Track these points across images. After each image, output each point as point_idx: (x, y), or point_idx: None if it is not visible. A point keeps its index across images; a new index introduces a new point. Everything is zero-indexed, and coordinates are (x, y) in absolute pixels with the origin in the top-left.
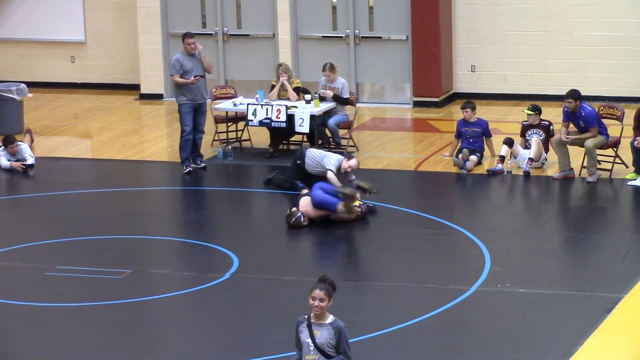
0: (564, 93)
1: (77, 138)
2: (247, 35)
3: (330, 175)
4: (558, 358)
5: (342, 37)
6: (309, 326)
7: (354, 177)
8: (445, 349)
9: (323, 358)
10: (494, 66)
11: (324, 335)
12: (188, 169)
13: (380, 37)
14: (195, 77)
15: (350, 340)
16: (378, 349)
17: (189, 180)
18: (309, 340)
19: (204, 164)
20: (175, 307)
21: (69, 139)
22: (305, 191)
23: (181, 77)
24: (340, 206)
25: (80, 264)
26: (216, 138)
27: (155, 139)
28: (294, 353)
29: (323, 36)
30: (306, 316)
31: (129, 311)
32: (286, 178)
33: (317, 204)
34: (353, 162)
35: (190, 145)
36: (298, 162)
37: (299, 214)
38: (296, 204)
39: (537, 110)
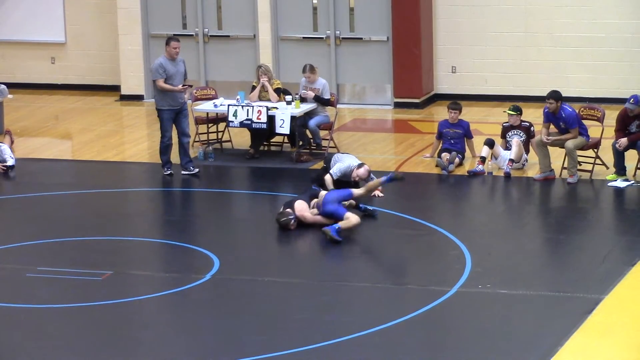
0: (544, 94)
1: (58, 139)
2: (228, 36)
3: (327, 178)
4: (539, 359)
5: (322, 38)
6: None
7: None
8: (426, 349)
9: None
10: (475, 67)
11: None
12: (169, 172)
13: (361, 38)
14: (183, 85)
15: (331, 342)
16: (359, 350)
17: (169, 181)
18: None
19: (196, 170)
20: (156, 308)
21: (50, 140)
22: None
23: (164, 82)
24: (326, 228)
25: (61, 265)
26: (197, 139)
27: (135, 140)
28: (276, 354)
29: (304, 37)
30: None
31: (110, 312)
32: (313, 177)
33: (330, 215)
34: (361, 171)
35: (170, 149)
36: (324, 165)
37: (292, 216)
38: (290, 206)
39: (518, 111)
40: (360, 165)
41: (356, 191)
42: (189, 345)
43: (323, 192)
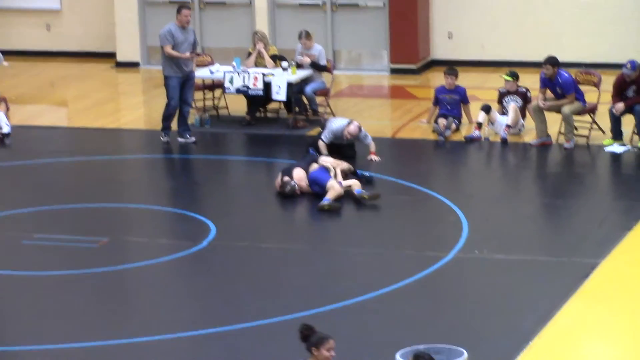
0: (541, 60)
1: (53, 106)
2: (224, 3)
3: (320, 144)
4: (536, 323)
5: (319, 4)
6: None
7: (369, 139)
8: (423, 315)
9: None
10: (472, 33)
11: None
12: (167, 139)
13: (357, 4)
14: (191, 52)
15: (327, 308)
16: (357, 316)
17: (166, 148)
18: None
19: (194, 139)
20: (153, 275)
21: (45, 107)
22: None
23: (172, 48)
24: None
25: (58, 232)
26: (193, 106)
27: (131, 107)
28: (274, 320)
29: (300, 4)
30: None
31: (107, 279)
32: (308, 142)
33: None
34: (351, 128)
35: (172, 117)
36: (321, 131)
37: (294, 183)
38: (289, 174)
39: (515, 77)
40: (349, 123)
41: (333, 184)
42: (186, 312)
43: (323, 158)
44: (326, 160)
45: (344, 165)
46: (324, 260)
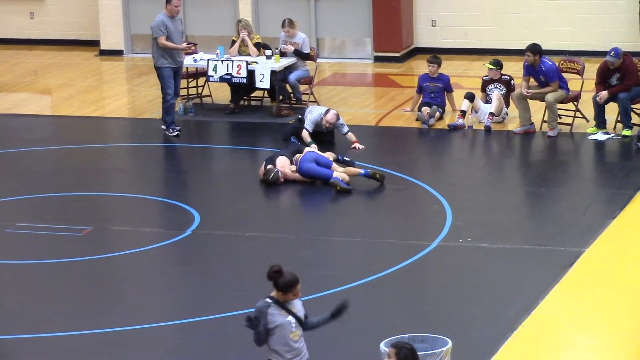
0: (524, 48)
1: (37, 94)
2: None
3: (304, 133)
4: (520, 312)
5: None
6: (282, 305)
7: (345, 129)
8: (406, 303)
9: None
10: (455, 21)
11: (298, 307)
12: (176, 132)
13: None
14: (188, 43)
15: (311, 297)
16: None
17: (149, 137)
18: (290, 318)
19: (178, 130)
20: (137, 263)
21: (29, 96)
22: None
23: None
24: (334, 179)
25: (41, 221)
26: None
27: (115, 95)
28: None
29: None
30: (270, 300)
31: (90, 268)
32: (286, 131)
33: (308, 175)
34: (329, 116)
35: (173, 108)
36: (299, 117)
37: (277, 169)
38: (272, 162)
39: (498, 65)
40: (327, 112)
41: (335, 166)
42: (170, 301)
43: (308, 148)
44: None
45: (330, 155)
46: (308, 249)
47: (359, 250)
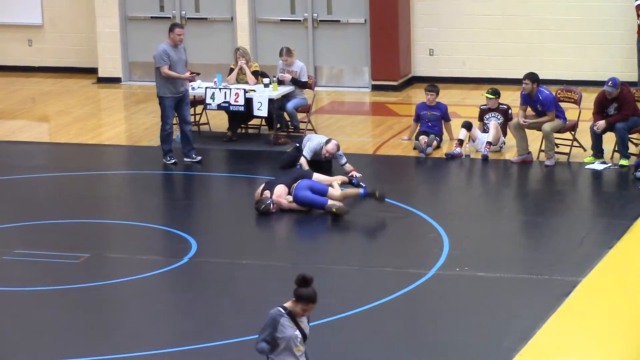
0: (522, 77)
1: (35, 122)
2: (206, 18)
3: (302, 160)
4: (516, 342)
5: (300, 20)
6: (293, 318)
7: (344, 160)
8: (403, 332)
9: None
10: (453, 50)
11: (305, 324)
12: (172, 161)
13: (339, 21)
14: (191, 73)
15: (310, 325)
16: (337, 333)
17: (146, 164)
18: (298, 332)
19: (199, 157)
20: (134, 291)
21: (27, 123)
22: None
23: (169, 69)
24: (329, 204)
25: (38, 248)
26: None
27: (113, 122)
28: (255, 337)
29: (281, 20)
30: (283, 310)
31: (87, 295)
32: (284, 159)
33: (303, 203)
34: (329, 146)
35: (171, 137)
36: (297, 145)
37: (269, 201)
38: (271, 188)
39: (496, 94)
40: (328, 141)
41: (332, 190)
42: (167, 328)
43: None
44: (322, 178)
45: (339, 178)
46: None
47: (357, 278)
